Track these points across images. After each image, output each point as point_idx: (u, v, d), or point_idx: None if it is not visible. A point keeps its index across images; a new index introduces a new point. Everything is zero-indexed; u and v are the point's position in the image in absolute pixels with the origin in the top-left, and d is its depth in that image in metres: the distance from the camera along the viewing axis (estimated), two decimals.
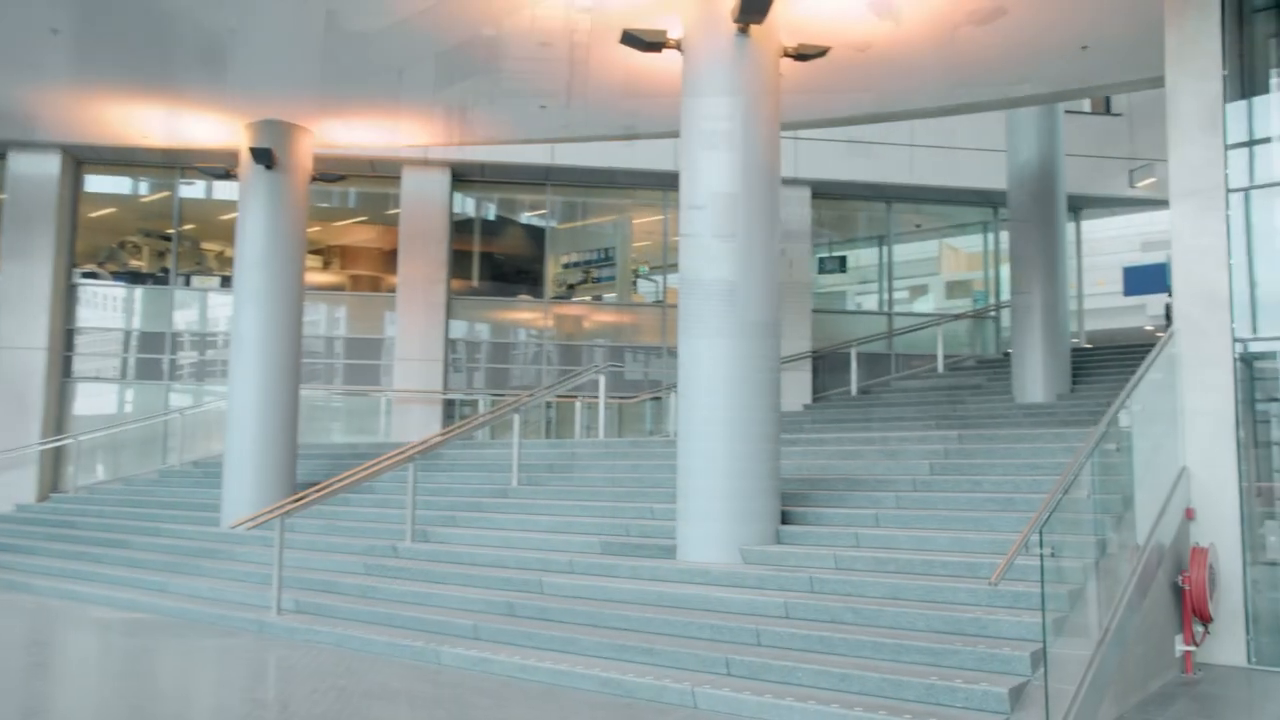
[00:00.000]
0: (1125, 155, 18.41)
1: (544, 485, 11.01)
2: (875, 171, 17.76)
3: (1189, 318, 7.98)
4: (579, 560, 8.44)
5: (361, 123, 12.24)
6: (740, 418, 8.11)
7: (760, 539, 8.05)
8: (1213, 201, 7.93)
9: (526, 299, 18.52)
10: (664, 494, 9.69)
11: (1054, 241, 14.99)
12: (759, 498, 8.09)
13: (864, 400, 16.33)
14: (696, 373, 8.26)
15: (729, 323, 8.16)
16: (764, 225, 8.35)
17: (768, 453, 8.19)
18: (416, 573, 9.01)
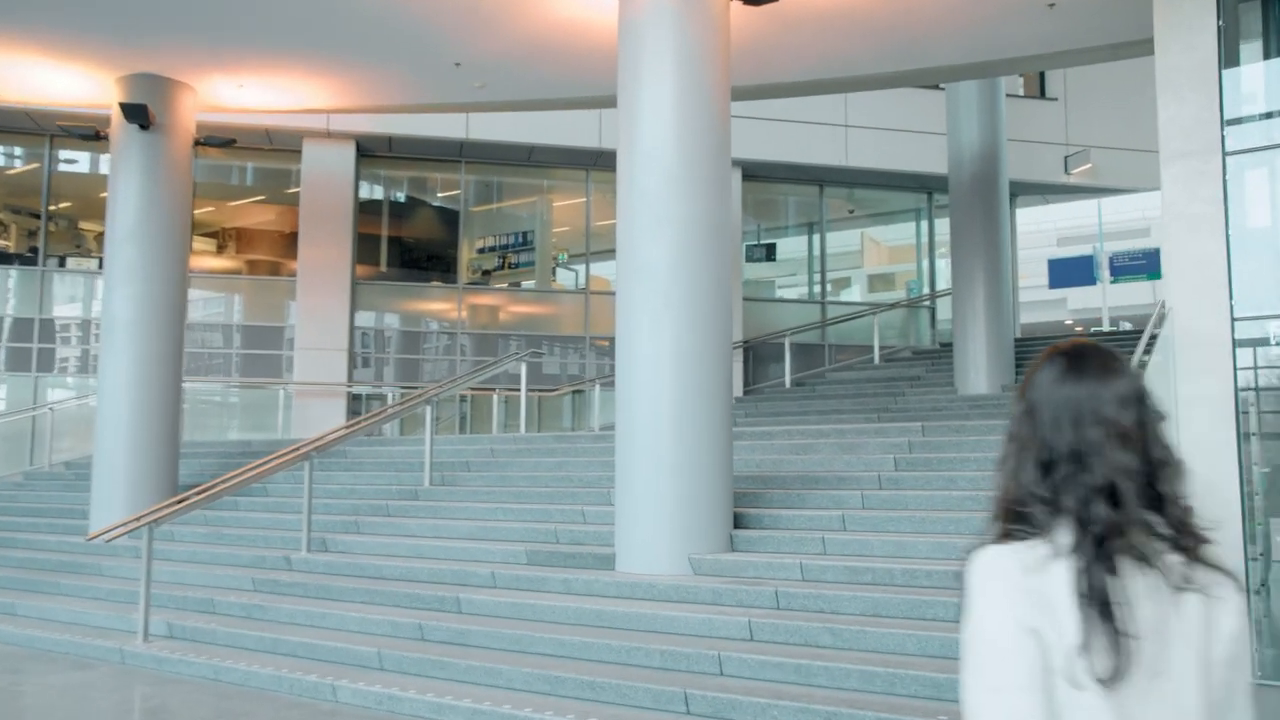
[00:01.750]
0: (1060, 141, 17.95)
1: (460, 485, 9.86)
2: (808, 153, 16.94)
3: (1181, 294, 7.23)
4: (502, 572, 7.34)
5: (253, 81, 10.87)
6: (688, 408, 7.09)
7: (712, 546, 7.05)
8: (1207, 166, 7.18)
9: (439, 286, 17.25)
10: (597, 495, 8.63)
11: (996, 228, 14.36)
12: (710, 499, 7.09)
13: (799, 393, 15.51)
14: (637, 357, 7.22)
15: (674, 302, 7.14)
16: (713, 194, 7.34)
17: (719, 448, 7.20)
18: (313, 588, 7.79)
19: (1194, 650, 1.48)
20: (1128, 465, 1.49)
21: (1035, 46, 10.24)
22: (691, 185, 7.19)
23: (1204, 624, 1.49)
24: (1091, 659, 1.42)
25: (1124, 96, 18.34)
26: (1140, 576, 1.47)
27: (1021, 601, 1.47)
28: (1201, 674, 1.48)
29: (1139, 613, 1.45)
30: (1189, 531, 1.51)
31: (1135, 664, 1.43)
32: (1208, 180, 7.16)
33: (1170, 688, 1.46)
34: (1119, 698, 1.44)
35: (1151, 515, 1.49)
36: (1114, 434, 1.50)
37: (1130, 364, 1.66)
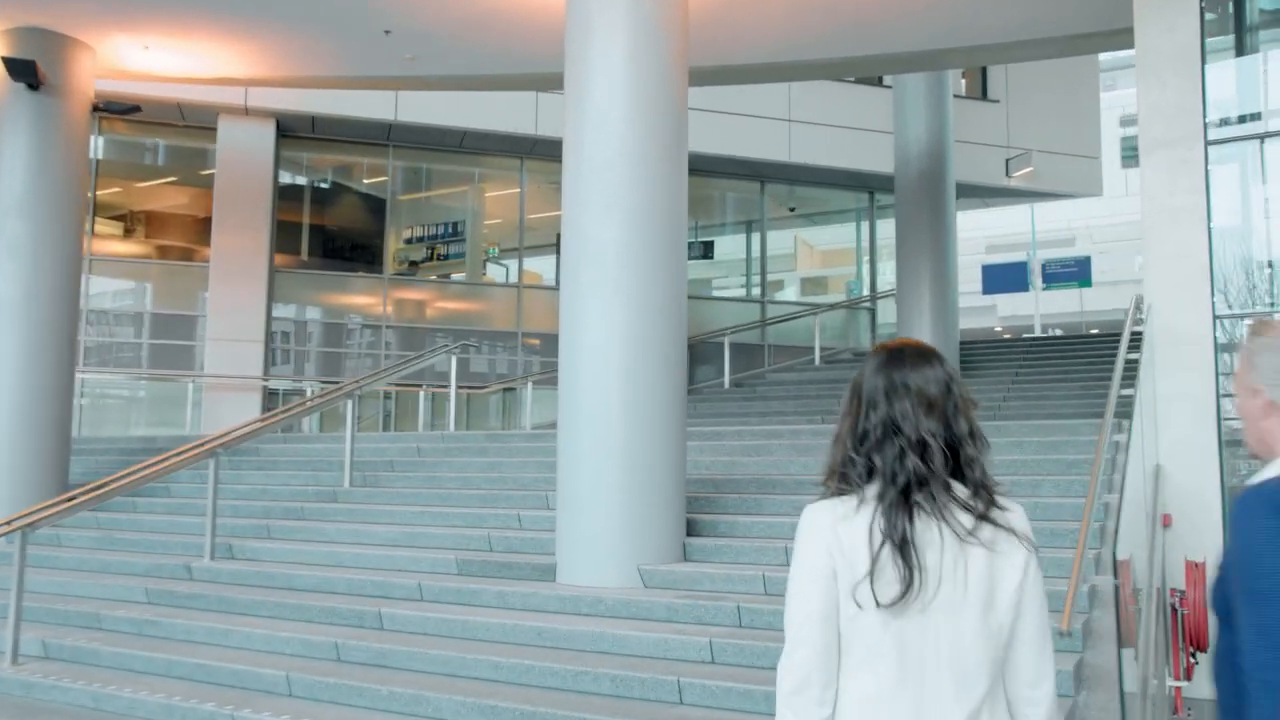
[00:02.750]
0: (1001, 143, 17.76)
1: (383, 487, 9.08)
2: (750, 147, 16.44)
3: (1161, 289, 6.83)
4: (430, 584, 6.61)
5: (160, 43, 9.94)
6: (639, 403, 6.46)
7: (663, 555, 6.42)
8: (1189, 154, 6.80)
9: (363, 277, 16.35)
10: (533, 498, 7.95)
11: (942, 227, 14.06)
12: (662, 503, 6.47)
13: (739, 393, 14.99)
14: (584, 347, 6.57)
15: (625, 286, 6.50)
16: (668, 171, 6.73)
17: (672, 447, 6.57)
18: (215, 601, 6.97)
19: (974, 595, 1.75)
20: (933, 430, 1.79)
21: (994, 34, 9.84)
22: (646, 161, 6.57)
23: (986, 574, 1.75)
24: (875, 586, 1.71)
25: (1063, 100, 18.25)
26: (933, 527, 1.76)
27: (827, 548, 1.78)
28: (980, 616, 1.75)
29: (927, 556, 1.73)
30: (983, 494, 1.80)
31: (914, 595, 1.71)
32: (1189, 170, 6.79)
33: (946, 623, 1.73)
34: (897, 625, 1.73)
35: (952, 480, 1.79)
36: (922, 405, 1.80)
37: (944, 359, 1.90)
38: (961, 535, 1.77)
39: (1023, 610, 1.80)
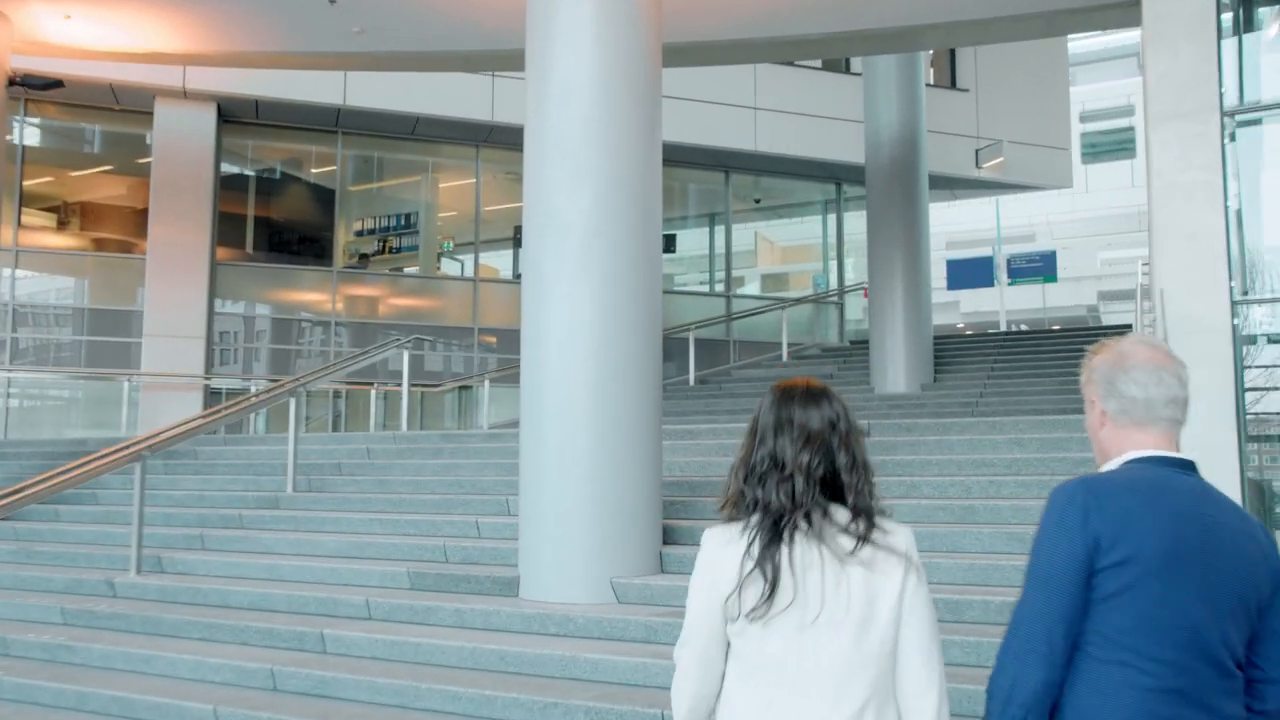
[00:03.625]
0: (971, 133, 17.39)
1: (330, 492, 8.40)
2: (715, 135, 15.88)
3: (1172, 274, 6.34)
4: (379, 600, 5.96)
5: (83, 12, 9.17)
6: (610, 396, 5.86)
7: (638, 567, 5.83)
8: (1204, 127, 6.33)
9: (312, 271, 15.56)
10: (493, 504, 7.32)
11: (915, 217, 13.58)
12: (637, 510, 5.87)
13: (705, 391, 14.44)
14: (548, 333, 5.95)
15: (595, 265, 5.89)
16: (642, 138, 6.14)
17: (648, 446, 5.98)
18: (138, 622, 6.25)
19: (855, 612, 1.91)
20: (808, 464, 1.98)
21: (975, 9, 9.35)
22: (618, 126, 5.97)
23: (865, 591, 1.91)
24: (741, 599, 1.92)
25: (1033, 90, 17.93)
26: (814, 550, 1.93)
27: (711, 571, 2.00)
28: (859, 631, 1.91)
29: (808, 577, 1.91)
30: (862, 518, 1.96)
31: (779, 609, 1.90)
32: (1204, 144, 6.30)
33: (828, 639, 1.90)
34: (779, 640, 1.91)
35: (834, 505, 1.98)
36: (803, 439, 2.00)
37: (834, 396, 2.07)
38: (841, 557, 1.91)
39: (905, 624, 1.93)
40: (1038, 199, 32.23)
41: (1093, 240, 30.98)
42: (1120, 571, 1.82)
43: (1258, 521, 1.98)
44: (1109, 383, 2.00)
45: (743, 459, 2.07)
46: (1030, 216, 33.80)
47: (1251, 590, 1.87)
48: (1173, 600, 1.81)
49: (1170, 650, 1.81)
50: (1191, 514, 1.86)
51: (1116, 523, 1.83)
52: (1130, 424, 1.97)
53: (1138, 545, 1.82)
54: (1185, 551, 1.83)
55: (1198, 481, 1.94)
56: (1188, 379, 2.00)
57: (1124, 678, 1.81)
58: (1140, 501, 1.86)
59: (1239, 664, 1.87)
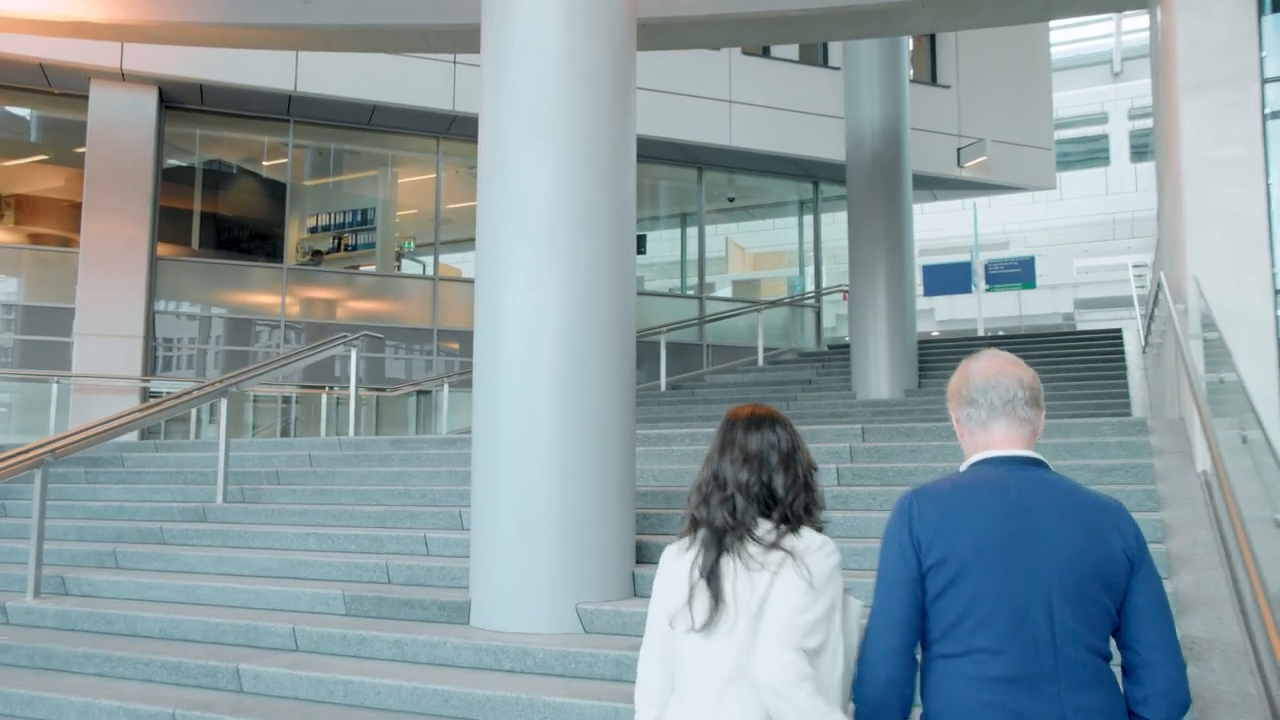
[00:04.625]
0: (952, 131, 16.81)
1: (265, 503, 7.55)
2: (688, 129, 15.17)
3: (1205, 260, 5.69)
4: (308, 628, 5.14)
5: None
6: (577, 393, 5.09)
7: (608, 590, 5.05)
8: (1242, 96, 5.68)
9: (262, 268, 14.65)
10: (445, 516, 6.52)
11: (899, 215, 12.94)
12: (606, 525, 5.09)
13: (677, 396, 13.70)
14: (506, 320, 5.17)
15: (559, 244, 5.13)
16: (614, 99, 5.38)
17: (619, 451, 5.21)
18: (27, 655, 5.39)
19: (752, 612, 2.06)
20: (746, 483, 2.16)
21: None
22: (587, 82, 5.20)
23: (766, 593, 2.06)
24: (692, 613, 2.10)
25: (1015, 88, 17.40)
26: (732, 562, 2.11)
27: (665, 582, 2.21)
28: (752, 628, 2.06)
29: (725, 586, 2.10)
30: (783, 527, 2.13)
31: (719, 620, 2.07)
32: (1242, 115, 5.66)
33: (740, 636, 2.05)
34: (708, 642, 2.08)
35: (762, 519, 2.15)
36: (743, 459, 2.19)
37: (781, 421, 2.26)
38: (749, 565, 2.09)
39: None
40: (1012, 207, 31.86)
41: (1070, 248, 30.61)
42: (940, 571, 1.94)
43: (1113, 505, 2.02)
44: (957, 394, 2.13)
45: (696, 483, 2.25)
46: (1005, 224, 33.42)
47: (1091, 574, 1.91)
48: (993, 591, 1.90)
49: (997, 640, 1.88)
50: (1011, 506, 1.96)
51: (933, 526, 1.97)
52: (976, 428, 2.09)
53: (953, 544, 1.94)
54: (1001, 543, 1.92)
55: (1032, 474, 2.02)
56: (1031, 380, 2.10)
57: (958, 669, 1.91)
58: (959, 503, 1.99)
59: (1095, 650, 1.90)
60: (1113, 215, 32.17)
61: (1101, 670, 1.92)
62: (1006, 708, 1.87)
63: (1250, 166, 5.59)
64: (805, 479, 2.19)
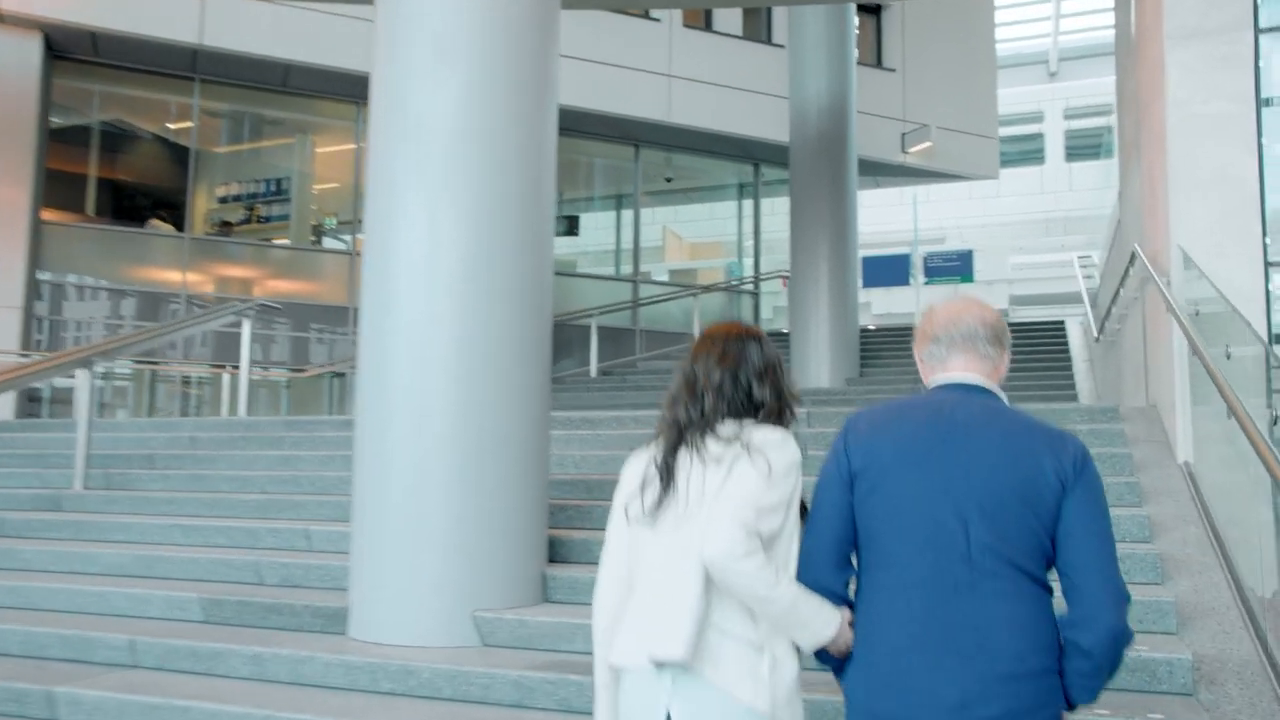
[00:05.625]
0: (897, 116, 16.29)
1: (132, 489, 6.64)
2: (625, 104, 14.40)
3: (1189, 229, 5.10)
4: (151, 640, 4.28)
5: None
6: (480, 369, 4.30)
7: (512, 595, 4.27)
8: (1234, 48, 5.10)
9: (163, 238, 13.53)
10: (331, 506, 5.69)
11: (843, 196, 12.36)
12: (512, 519, 4.31)
13: (608, 383, 12.96)
14: (397, 277, 4.36)
15: (461, 182, 4.33)
16: (530, 35, 4.59)
17: (529, 435, 4.44)
18: None
19: (709, 504, 2.02)
20: (719, 382, 2.13)
21: None
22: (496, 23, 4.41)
23: (722, 484, 2.03)
24: (643, 500, 2.10)
25: (960, 74, 16.96)
26: (688, 456, 2.09)
27: (627, 481, 2.19)
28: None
29: (678, 478, 2.08)
30: (748, 420, 2.12)
31: (669, 505, 2.06)
32: (1234, 67, 5.06)
33: (694, 530, 2.00)
34: (661, 534, 2.06)
35: (730, 418, 2.12)
36: (715, 358, 2.16)
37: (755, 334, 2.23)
38: (706, 460, 2.07)
39: (764, 516, 1.99)
40: (948, 203, 31.63)
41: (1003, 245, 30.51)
42: (864, 478, 1.98)
43: (1060, 432, 1.97)
44: (921, 334, 2.15)
45: (670, 390, 2.21)
46: (941, 220, 33.19)
47: (1012, 489, 1.88)
48: (908, 498, 1.92)
49: (913, 548, 1.90)
50: (940, 420, 1.97)
51: (863, 439, 2.03)
52: (937, 364, 2.11)
53: (875, 454, 1.99)
54: (920, 452, 1.94)
55: (975, 398, 2.02)
56: (994, 320, 2.09)
57: (879, 578, 1.94)
58: (891, 416, 2.06)
59: (1017, 566, 1.86)
60: (1047, 214, 32.16)
61: (1025, 587, 1.86)
62: (918, 615, 1.85)
63: (1242, 124, 5.01)
64: (782, 387, 2.17)
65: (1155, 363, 5.82)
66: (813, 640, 1.97)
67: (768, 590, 1.91)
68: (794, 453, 2.06)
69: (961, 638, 1.83)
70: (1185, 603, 3.73)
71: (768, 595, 1.91)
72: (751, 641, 1.97)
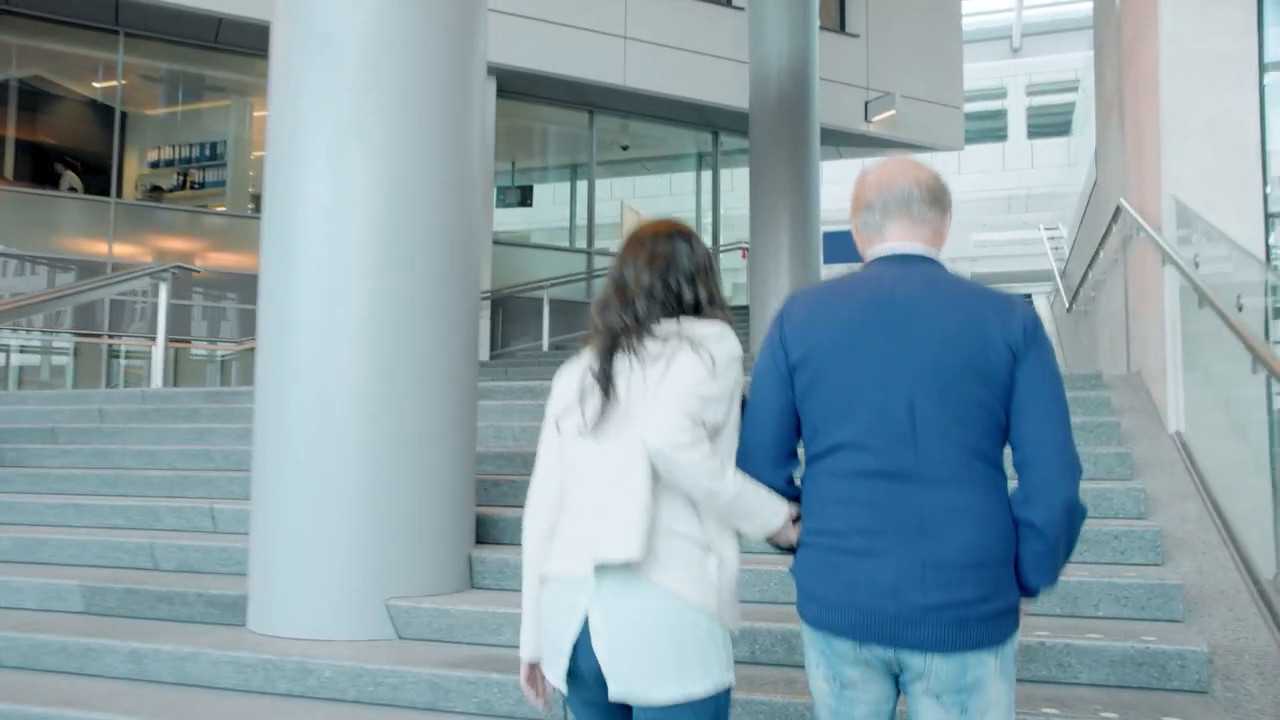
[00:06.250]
0: (861, 83, 15.84)
1: (27, 465, 6.03)
2: (579, 66, 13.80)
3: (1183, 178, 4.67)
4: (17, 636, 3.72)
5: None
6: (394, 324, 3.77)
7: (433, 582, 3.76)
8: None
9: (86, 201, 12.76)
10: (242, 482, 5.11)
11: (805, 165, 11.92)
12: (433, 496, 3.80)
13: (561, 356, 12.34)
14: (301, 229, 3.81)
15: (374, 123, 3.79)
16: None
17: (453, 400, 3.91)
18: None
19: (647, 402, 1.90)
20: (650, 286, 1.99)
21: None
22: None
23: (661, 379, 1.90)
24: (583, 412, 1.95)
25: (926, 40, 16.55)
26: (627, 360, 1.95)
27: (557, 391, 2.06)
28: None
29: (618, 384, 1.94)
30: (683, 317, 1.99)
31: (610, 417, 1.92)
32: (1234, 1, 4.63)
33: (634, 437, 1.88)
34: (600, 444, 1.93)
35: (666, 320, 1.98)
36: (645, 261, 2.02)
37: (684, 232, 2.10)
38: (645, 359, 1.93)
39: (708, 405, 1.88)
40: None
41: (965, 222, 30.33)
42: (804, 368, 1.85)
43: (1007, 296, 1.83)
44: (854, 202, 1.98)
45: (598, 295, 2.08)
46: None
47: (962, 365, 1.76)
48: (851, 384, 1.80)
49: (858, 434, 1.78)
50: (880, 298, 1.83)
51: (799, 324, 1.89)
52: (872, 233, 1.94)
53: (814, 340, 1.85)
54: (861, 335, 1.81)
55: (915, 269, 1.87)
56: (930, 180, 1.92)
57: (824, 467, 1.84)
58: (827, 299, 1.90)
59: (969, 449, 1.75)
60: (1009, 191, 31.99)
61: (977, 471, 1.77)
62: (864, 503, 1.78)
63: (1243, 63, 4.58)
64: (714, 296, 2.05)
65: (1140, 327, 5.42)
66: (760, 530, 1.92)
67: (712, 481, 1.83)
68: (735, 345, 1.94)
69: (906, 525, 1.74)
70: (1191, 586, 3.31)
71: (712, 487, 1.83)
72: (699, 541, 1.89)
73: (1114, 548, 3.51)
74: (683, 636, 1.83)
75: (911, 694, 1.78)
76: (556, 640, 1.91)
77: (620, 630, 1.83)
